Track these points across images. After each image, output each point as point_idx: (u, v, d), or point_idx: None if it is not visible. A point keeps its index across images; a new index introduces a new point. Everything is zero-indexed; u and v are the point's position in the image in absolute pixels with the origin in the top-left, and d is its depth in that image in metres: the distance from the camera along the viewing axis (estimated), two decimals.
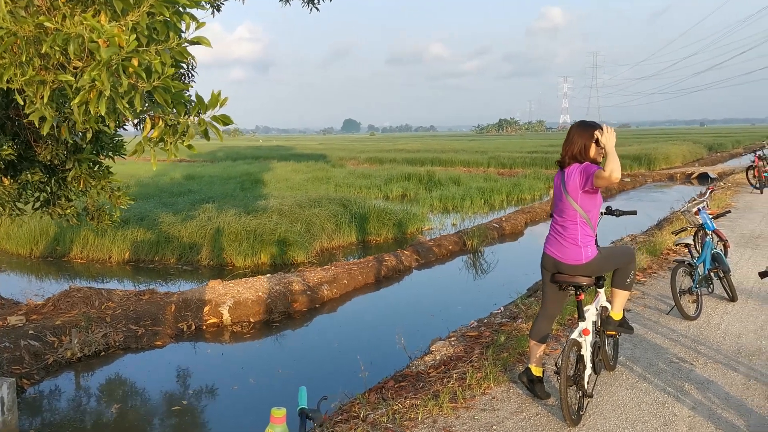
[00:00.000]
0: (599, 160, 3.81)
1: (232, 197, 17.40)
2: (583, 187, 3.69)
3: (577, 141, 3.78)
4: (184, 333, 7.83)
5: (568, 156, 3.82)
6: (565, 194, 3.80)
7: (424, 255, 11.85)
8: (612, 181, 3.45)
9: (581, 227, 3.80)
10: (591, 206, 3.80)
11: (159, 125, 4.03)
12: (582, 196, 3.74)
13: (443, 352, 5.36)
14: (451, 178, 24.29)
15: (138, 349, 7.35)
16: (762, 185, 16.55)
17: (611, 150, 3.52)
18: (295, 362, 6.96)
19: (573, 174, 3.75)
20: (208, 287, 8.70)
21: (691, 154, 39.09)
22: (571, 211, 3.79)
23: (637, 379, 4.46)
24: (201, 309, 8.26)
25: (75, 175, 6.19)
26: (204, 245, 11.83)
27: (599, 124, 3.75)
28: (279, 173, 26.68)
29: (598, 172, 3.54)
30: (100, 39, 3.36)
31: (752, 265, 8.17)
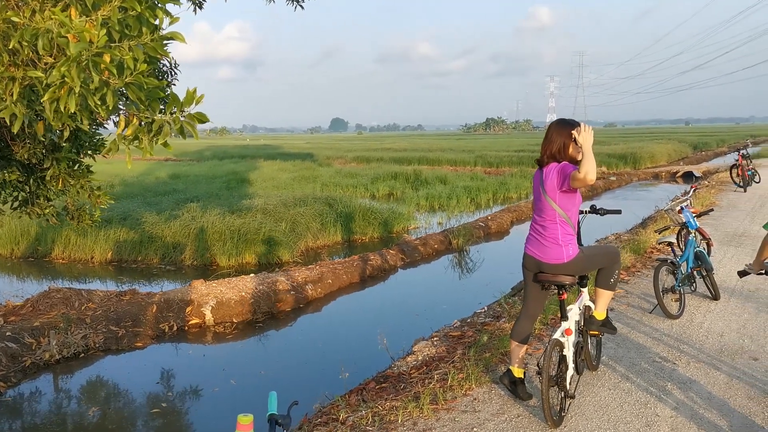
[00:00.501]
0: (578, 159, 3.77)
1: (217, 196, 17.27)
2: (560, 187, 3.65)
3: (556, 139, 3.73)
4: (165, 334, 7.73)
5: (547, 155, 3.78)
6: (544, 194, 3.75)
7: (409, 254, 11.80)
8: (587, 183, 3.40)
9: (561, 226, 3.76)
10: (570, 205, 3.76)
11: (133, 123, 3.94)
12: (560, 196, 3.70)
13: (426, 353, 5.31)
14: (438, 177, 24.26)
15: (118, 350, 7.24)
16: (745, 183, 16.67)
17: (587, 150, 3.48)
18: (277, 363, 6.88)
19: (551, 173, 3.71)
20: (191, 287, 8.60)
21: (676, 153, 39.36)
22: (550, 211, 3.75)
23: (620, 379, 4.43)
24: (183, 309, 8.15)
25: (53, 174, 6.08)
26: (188, 245, 11.71)
27: (578, 123, 3.70)
28: (265, 172, 26.54)
29: (573, 173, 3.50)
30: (69, 34, 3.27)
31: (735, 264, 8.19)
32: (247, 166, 29.43)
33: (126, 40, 3.48)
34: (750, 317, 5.86)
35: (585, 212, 4.56)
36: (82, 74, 3.29)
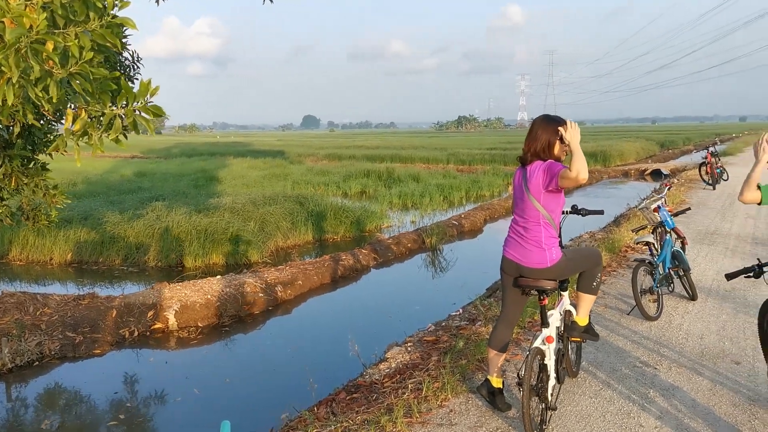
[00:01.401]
0: (563, 157, 3.57)
1: (184, 195, 16.81)
2: (546, 186, 3.44)
3: (541, 137, 3.53)
4: (125, 340, 7.37)
5: (531, 153, 3.57)
6: (527, 193, 3.54)
7: (382, 253, 11.57)
8: (579, 181, 3.21)
9: (544, 228, 3.55)
10: (554, 206, 3.56)
11: (82, 117, 3.63)
12: (545, 196, 3.49)
13: (399, 359, 5.08)
14: (411, 174, 24.08)
15: (75, 357, 6.87)
16: (714, 181, 16.81)
17: (576, 148, 3.28)
18: (244, 370, 6.58)
19: (536, 172, 3.49)
20: (153, 290, 8.25)
21: (644, 151, 39.86)
22: (534, 212, 3.54)
23: (601, 386, 4.26)
24: (145, 314, 7.80)
25: (6, 172, 5.72)
26: (152, 245, 11.30)
27: (564, 119, 3.50)
28: (235, 170, 26.06)
29: (563, 171, 3.29)
30: (5, 18, 2.97)
31: (709, 262, 8.14)
32: (217, 164, 28.89)
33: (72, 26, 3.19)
34: (729, 318, 5.76)
35: (566, 212, 4.38)
36: (22, 63, 2.99)
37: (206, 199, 14.97)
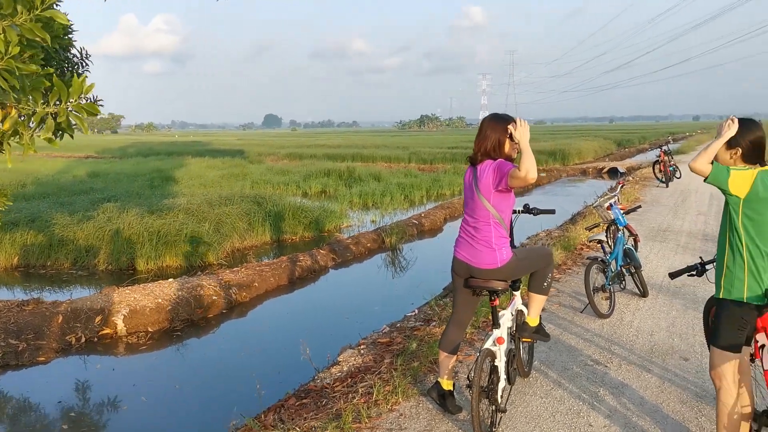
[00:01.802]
0: (514, 156, 3.53)
1: (138, 196, 16.39)
2: (496, 186, 3.39)
3: (491, 136, 3.48)
4: (72, 346, 7.11)
5: (481, 152, 3.52)
6: (477, 193, 3.49)
7: (341, 254, 11.46)
8: (528, 181, 3.17)
9: (495, 228, 3.51)
10: (504, 206, 3.51)
11: (12, 115, 3.45)
12: (495, 196, 3.45)
13: (351, 362, 4.98)
14: (372, 173, 24.00)
15: (18, 366, 6.60)
16: (667, 179, 17.17)
17: (526, 146, 3.24)
18: (194, 377, 6.40)
19: (486, 172, 3.45)
20: (102, 295, 7.98)
21: (602, 150, 40.63)
22: (484, 212, 3.49)
23: (552, 386, 4.24)
24: (92, 319, 7.54)
25: None
26: (102, 248, 10.95)
27: (513, 118, 3.47)
28: (193, 170, 25.58)
29: (512, 171, 3.25)
30: None
31: (661, 259, 8.27)
32: (174, 164, 28.31)
33: None
34: (678, 314, 5.83)
35: (518, 212, 4.36)
36: None
37: (160, 200, 14.62)
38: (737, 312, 3.01)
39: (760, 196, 2.96)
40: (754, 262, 2.99)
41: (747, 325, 3.02)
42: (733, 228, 3.05)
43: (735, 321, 3.01)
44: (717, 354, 3.07)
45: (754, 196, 2.96)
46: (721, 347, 3.05)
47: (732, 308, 3.02)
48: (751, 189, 2.95)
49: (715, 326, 3.12)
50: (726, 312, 3.05)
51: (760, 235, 2.99)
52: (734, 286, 3.02)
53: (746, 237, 2.99)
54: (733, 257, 3.05)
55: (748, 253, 2.99)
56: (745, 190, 2.96)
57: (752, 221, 2.98)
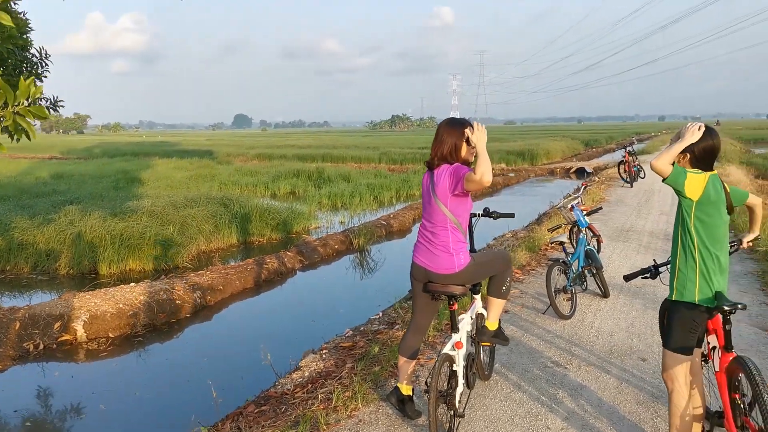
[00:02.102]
0: (471, 160, 3.53)
1: (102, 198, 16.07)
2: (452, 190, 3.39)
3: (447, 140, 3.47)
4: (29, 353, 6.93)
5: (438, 156, 3.50)
6: (434, 198, 3.48)
7: (308, 256, 11.39)
8: (483, 184, 3.17)
9: (452, 233, 3.50)
10: (461, 210, 3.51)
11: None
12: (452, 200, 3.44)
13: (313, 367, 4.94)
14: (341, 174, 23.92)
15: None
16: (632, 179, 17.45)
17: (482, 150, 3.24)
18: (154, 384, 6.28)
19: (442, 176, 3.44)
20: (61, 300, 7.81)
21: (570, 150, 41.16)
22: (441, 216, 3.48)
23: (512, 389, 4.26)
24: (51, 325, 7.36)
25: None
26: (63, 252, 10.71)
27: (470, 122, 3.46)
28: (159, 171, 25.21)
29: (468, 174, 3.25)
30: None
31: (623, 259, 8.38)
32: (140, 165, 27.87)
33: None
34: (638, 314, 5.91)
35: (478, 215, 4.36)
36: None
37: (124, 202, 14.35)
38: (688, 314, 3.05)
39: (711, 200, 3.01)
40: (705, 264, 3.03)
41: (698, 327, 3.06)
42: (686, 230, 3.09)
43: (686, 323, 3.05)
44: (669, 356, 3.11)
45: (706, 199, 3.01)
46: (673, 349, 3.09)
47: (683, 311, 3.06)
48: (703, 193, 3.00)
49: (667, 328, 3.16)
50: (678, 314, 3.09)
51: (711, 238, 3.03)
52: (686, 288, 3.06)
53: (698, 240, 3.04)
54: (686, 260, 3.09)
55: (700, 255, 3.04)
56: (698, 194, 3.01)
57: (703, 224, 3.03)
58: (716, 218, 3.04)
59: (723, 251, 3.07)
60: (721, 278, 3.06)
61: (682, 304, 3.07)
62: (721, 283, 3.05)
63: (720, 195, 3.05)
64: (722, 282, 3.06)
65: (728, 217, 3.12)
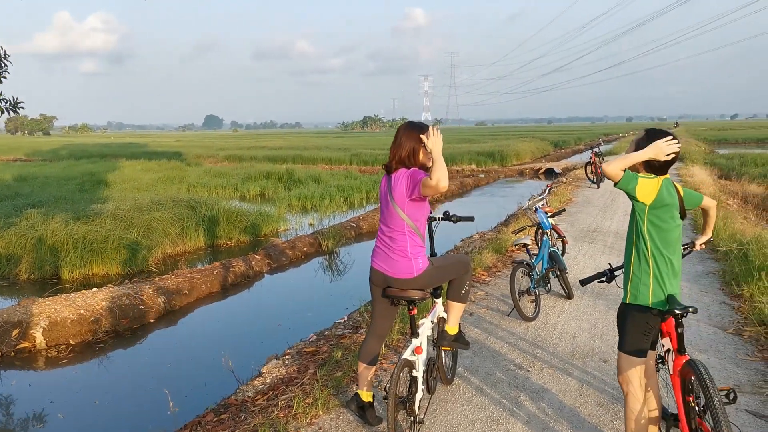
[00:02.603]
0: (428, 165, 3.52)
1: (66, 201, 15.72)
2: (410, 195, 3.37)
3: (406, 143, 3.46)
4: None
5: (395, 160, 3.49)
6: (392, 202, 3.46)
7: (276, 258, 11.29)
8: (440, 190, 3.15)
9: (410, 237, 3.48)
10: (419, 215, 3.49)
11: None
12: (409, 205, 3.42)
13: (275, 374, 4.88)
14: (312, 176, 23.81)
15: None
16: (599, 180, 17.67)
17: (438, 155, 3.23)
18: (114, 391, 6.14)
19: (400, 180, 3.43)
20: (20, 307, 7.60)
21: (539, 151, 41.59)
22: (399, 221, 3.46)
23: (474, 393, 4.25)
24: (9, 332, 7.16)
25: None
26: (24, 256, 10.45)
27: (427, 126, 3.46)
28: (126, 173, 24.79)
29: (424, 180, 3.24)
30: None
31: (588, 260, 8.47)
32: (107, 167, 27.36)
33: None
34: (600, 316, 5.97)
35: (438, 219, 4.35)
36: None
37: (89, 205, 14.06)
38: (642, 317, 3.07)
39: (665, 204, 3.03)
40: (658, 268, 3.05)
41: (652, 330, 3.09)
42: (639, 234, 3.11)
43: (640, 326, 3.08)
44: (623, 358, 3.13)
45: (659, 203, 3.03)
46: (627, 352, 3.11)
47: (637, 314, 3.09)
48: (656, 197, 3.02)
49: (621, 331, 3.18)
50: (631, 317, 3.11)
51: (664, 241, 3.06)
52: (640, 292, 3.09)
53: (651, 243, 3.06)
54: (639, 263, 3.11)
55: (653, 259, 3.06)
56: (651, 198, 3.03)
57: (657, 228, 3.05)
58: (669, 222, 3.07)
59: (676, 255, 3.11)
60: (674, 281, 3.09)
61: (636, 307, 3.10)
62: (674, 286, 3.08)
63: (673, 199, 3.08)
64: (675, 285, 3.09)
65: (681, 221, 3.16)
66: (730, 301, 6.38)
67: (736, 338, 5.25)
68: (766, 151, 34.79)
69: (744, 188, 18.29)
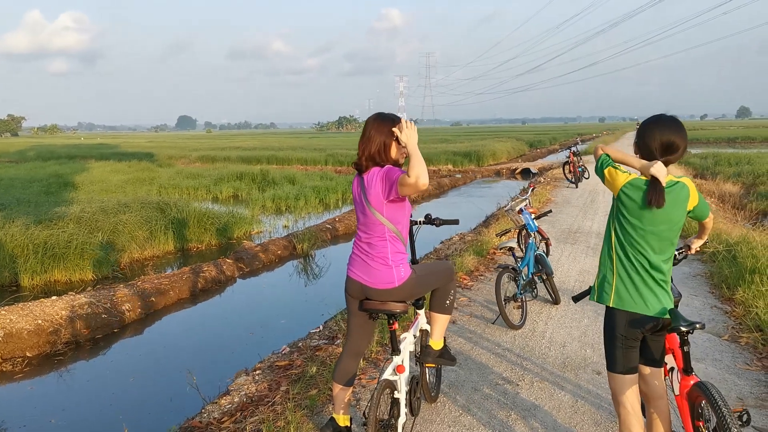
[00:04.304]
0: (401, 161, 3.16)
1: (29, 204, 15.08)
2: (387, 196, 3.01)
3: (375, 138, 3.08)
4: None
5: (366, 156, 3.11)
6: (368, 206, 3.09)
7: (248, 262, 10.87)
8: (419, 188, 2.79)
9: (391, 243, 3.12)
10: (400, 217, 3.13)
11: None
12: (388, 207, 3.06)
13: (244, 391, 4.49)
14: (286, 176, 23.35)
15: None
16: (577, 180, 17.52)
17: (414, 150, 2.87)
18: (72, 409, 5.68)
19: (374, 181, 3.05)
20: None
21: (515, 151, 41.59)
22: (378, 226, 3.10)
23: (460, 412, 3.91)
24: None
25: None
26: None
27: (399, 118, 3.09)
28: (95, 174, 24.06)
29: (401, 178, 2.87)
30: None
31: (572, 262, 8.21)
32: (74, 168, 26.57)
33: None
34: (590, 322, 5.68)
35: (419, 223, 4.00)
36: None
37: (52, 208, 13.46)
38: (612, 327, 2.79)
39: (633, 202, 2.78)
40: (623, 267, 2.80)
41: (630, 341, 2.76)
42: (608, 224, 2.92)
43: (616, 338, 2.77)
44: (611, 379, 2.83)
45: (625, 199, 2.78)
46: (613, 371, 2.80)
47: (609, 322, 2.81)
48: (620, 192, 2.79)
49: (605, 349, 2.87)
50: (608, 328, 2.82)
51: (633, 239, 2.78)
52: (604, 290, 2.83)
53: (616, 238, 2.83)
54: (604, 258, 2.89)
55: (617, 257, 2.81)
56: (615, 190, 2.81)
57: (623, 222, 2.79)
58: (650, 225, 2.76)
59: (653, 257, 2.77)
60: (655, 287, 2.76)
61: (609, 311, 2.80)
62: (656, 292, 2.75)
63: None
64: (660, 293, 2.76)
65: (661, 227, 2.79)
66: (722, 304, 6.14)
67: (732, 345, 4.99)
68: (738, 150, 35.22)
69: (719, 187, 18.29)
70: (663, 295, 2.76)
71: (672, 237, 2.77)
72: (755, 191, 17.20)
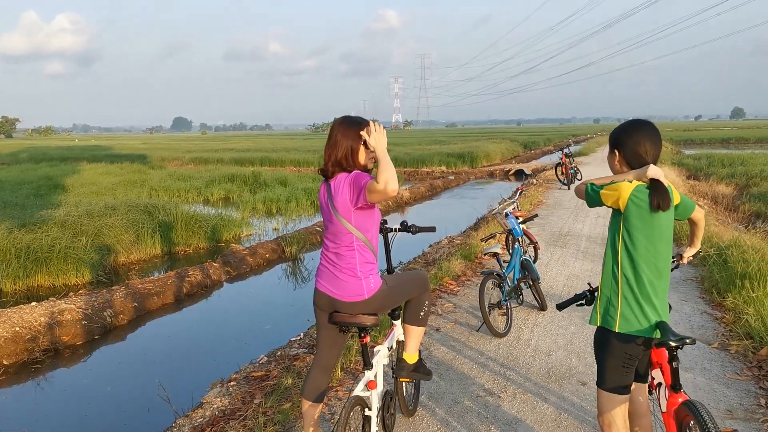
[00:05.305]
0: (370, 167, 3.02)
1: (16, 206, 14.89)
2: (355, 203, 2.87)
3: (342, 142, 2.95)
4: None
5: (332, 161, 2.97)
6: (335, 214, 2.95)
7: (236, 266, 10.71)
8: (389, 194, 2.66)
9: (360, 253, 2.98)
10: (369, 225, 2.99)
11: None
12: (356, 215, 2.92)
13: (217, 404, 4.34)
14: (278, 178, 23.19)
15: None
16: (569, 181, 17.41)
17: (383, 154, 2.73)
18: (46, 420, 5.53)
19: (341, 188, 2.91)
20: None
21: (509, 152, 41.46)
22: (346, 235, 2.96)
23: (439, 426, 3.76)
24: None
25: None
26: None
27: (367, 121, 2.96)
28: (86, 176, 23.86)
29: (370, 184, 2.73)
30: None
31: (561, 266, 8.08)
32: (66, 170, 26.36)
33: None
34: (577, 329, 5.55)
35: (395, 230, 3.86)
36: None
37: (38, 211, 13.28)
38: (620, 347, 2.63)
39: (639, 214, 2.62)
40: (629, 287, 2.64)
41: (634, 362, 2.64)
42: (613, 244, 2.70)
43: (619, 358, 2.63)
44: (603, 396, 2.69)
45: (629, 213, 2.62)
46: (607, 389, 2.66)
47: (615, 342, 2.64)
48: (627, 206, 2.62)
49: (598, 364, 2.73)
50: (609, 347, 2.66)
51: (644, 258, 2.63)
52: (609, 314, 2.66)
53: (623, 258, 2.65)
54: (614, 283, 2.70)
55: (623, 276, 2.65)
56: (621, 206, 2.63)
57: (633, 243, 2.63)
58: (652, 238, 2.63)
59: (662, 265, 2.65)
60: (658, 302, 2.63)
61: (613, 334, 2.65)
62: (658, 307, 2.62)
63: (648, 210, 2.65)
64: (660, 306, 2.63)
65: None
66: (712, 310, 6.02)
67: (722, 353, 4.86)
68: (731, 151, 35.18)
69: (713, 189, 18.21)
70: (663, 308, 2.65)
71: (671, 238, 2.69)
72: (748, 192, 17.11)
